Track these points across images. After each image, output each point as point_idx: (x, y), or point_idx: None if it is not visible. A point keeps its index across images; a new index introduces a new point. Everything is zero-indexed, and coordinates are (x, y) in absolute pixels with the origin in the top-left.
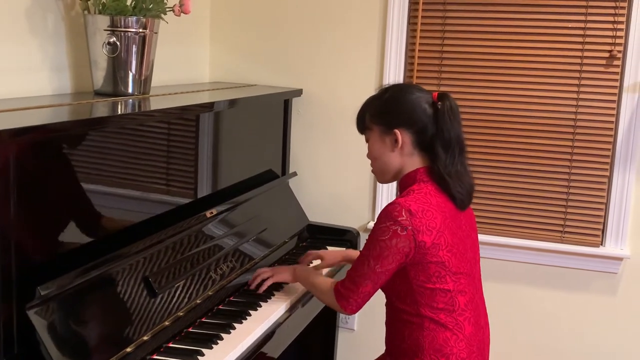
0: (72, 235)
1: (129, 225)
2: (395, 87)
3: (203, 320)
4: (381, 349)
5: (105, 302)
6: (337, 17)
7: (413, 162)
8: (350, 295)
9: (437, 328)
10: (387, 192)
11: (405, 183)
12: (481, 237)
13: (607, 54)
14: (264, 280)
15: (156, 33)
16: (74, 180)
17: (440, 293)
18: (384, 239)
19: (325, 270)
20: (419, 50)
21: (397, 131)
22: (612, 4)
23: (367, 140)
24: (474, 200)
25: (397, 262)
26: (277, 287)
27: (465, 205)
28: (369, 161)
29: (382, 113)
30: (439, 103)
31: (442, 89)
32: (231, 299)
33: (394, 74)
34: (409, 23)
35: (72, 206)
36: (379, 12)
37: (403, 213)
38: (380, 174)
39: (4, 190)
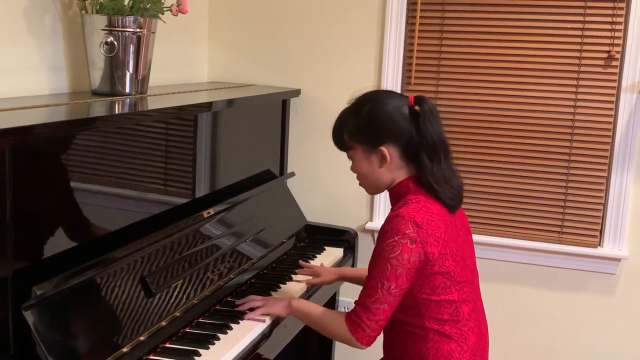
0: (69, 235)
1: (126, 225)
2: (370, 100)
3: (200, 320)
4: (380, 350)
5: (101, 302)
6: (336, 17)
7: (403, 172)
8: (367, 324)
9: (441, 339)
10: (385, 193)
11: (397, 193)
12: (479, 238)
13: (605, 55)
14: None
15: (154, 33)
16: (71, 180)
17: (446, 304)
18: (395, 256)
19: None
20: (417, 51)
21: (383, 148)
22: (611, 4)
23: (349, 158)
24: (472, 201)
25: (411, 279)
26: (274, 287)
27: (456, 209)
28: None
29: (363, 131)
30: (417, 108)
31: (440, 89)
32: (228, 299)
33: (392, 75)
34: (407, 23)
35: (68, 206)
36: (377, 12)
37: (410, 225)
38: (371, 189)
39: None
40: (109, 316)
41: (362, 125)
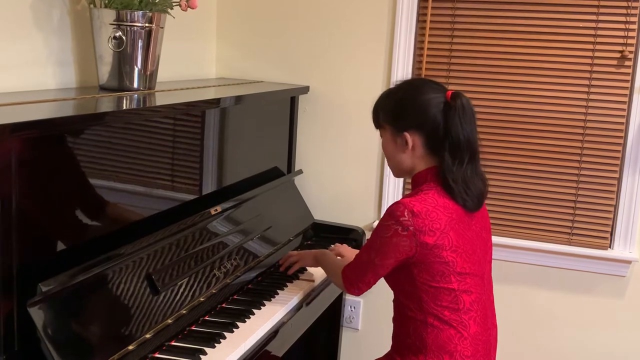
0: (75, 231)
1: (132, 221)
2: (409, 85)
3: (206, 318)
4: (385, 348)
5: (107, 299)
6: (345, 13)
7: (425, 162)
8: (353, 279)
9: (440, 325)
10: (394, 191)
11: (416, 181)
12: None
13: (618, 55)
14: (292, 265)
15: (162, 28)
16: (77, 175)
17: (444, 292)
18: (385, 237)
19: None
20: (428, 48)
21: (407, 134)
22: (624, 3)
23: (381, 137)
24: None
25: (396, 259)
26: (281, 285)
27: (473, 209)
28: (375, 160)
29: (393, 113)
30: (451, 102)
31: (451, 87)
32: (235, 297)
33: (402, 72)
34: (417, 20)
35: (74, 202)
36: (387, 8)
37: (405, 214)
38: (395, 171)
39: (5, 185)
40: (114, 314)
41: (393, 108)
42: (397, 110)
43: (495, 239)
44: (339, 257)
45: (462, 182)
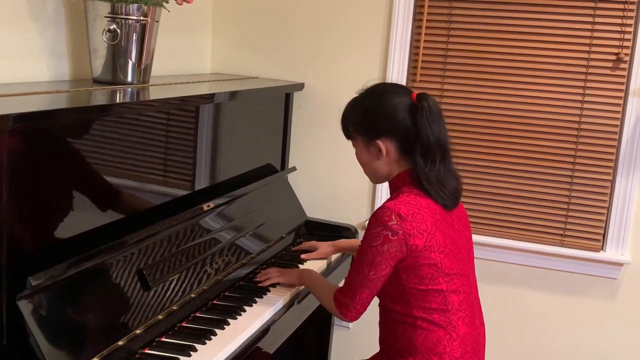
0: (65, 225)
1: (123, 216)
2: (373, 93)
3: (197, 315)
4: (375, 347)
5: (97, 294)
6: (342, 10)
7: (400, 165)
8: (349, 302)
9: (430, 327)
10: (387, 190)
11: (395, 185)
12: (481, 238)
13: (614, 57)
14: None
15: (157, 21)
16: (68, 169)
17: (433, 294)
18: (376, 245)
19: (321, 264)
20: (424, 47)
21: (379, 142)
22: (621, 6)
23: (354, 147)
24: (474, 201)
25: (391, 267)
26: (273, 283)
27: (451, 208)
28: None
29: (363, 123)
30: (417, 105)
31: (445, 87)
32: (226, 293)
33: (398, 70)
34: (414, 19)
35: (65, 196)
36: (384, 6)
37: (393, 217)
38: (372, 178)
39: None
40: (104, 309)
41: (362, 118)
42: (366, 119)
43: (487, 239)
44: (324, 259)
45: (436, 181)
